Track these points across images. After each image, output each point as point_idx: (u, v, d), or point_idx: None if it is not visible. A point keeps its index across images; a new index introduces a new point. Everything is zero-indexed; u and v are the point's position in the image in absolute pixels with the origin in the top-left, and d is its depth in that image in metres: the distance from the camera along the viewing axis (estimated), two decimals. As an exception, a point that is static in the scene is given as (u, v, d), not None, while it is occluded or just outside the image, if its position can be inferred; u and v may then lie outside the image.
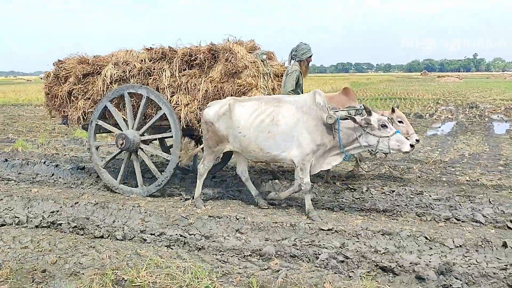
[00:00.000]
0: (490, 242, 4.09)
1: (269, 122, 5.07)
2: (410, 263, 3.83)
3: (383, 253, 4.09)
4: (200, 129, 5.73)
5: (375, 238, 4.34)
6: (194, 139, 6.81)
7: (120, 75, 6.16)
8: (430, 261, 3.86)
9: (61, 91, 6.51)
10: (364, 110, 4.95)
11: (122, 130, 6.13)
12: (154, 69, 6.06)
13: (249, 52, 6.06)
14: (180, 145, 5.86)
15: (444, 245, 4.14)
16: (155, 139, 6.90)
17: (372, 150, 5.03)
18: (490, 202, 5.38)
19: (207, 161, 5.58)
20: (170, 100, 5.93)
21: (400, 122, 5.95)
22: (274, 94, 6.04)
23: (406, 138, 5.21)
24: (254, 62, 5.80)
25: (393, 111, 6.02)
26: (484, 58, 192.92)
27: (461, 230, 4.59)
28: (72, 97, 6.48)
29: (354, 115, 5.07)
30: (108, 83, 6.22)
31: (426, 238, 4.23)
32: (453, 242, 4.14)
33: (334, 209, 5.46)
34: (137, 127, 6.10)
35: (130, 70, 6.13)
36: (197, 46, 6.10)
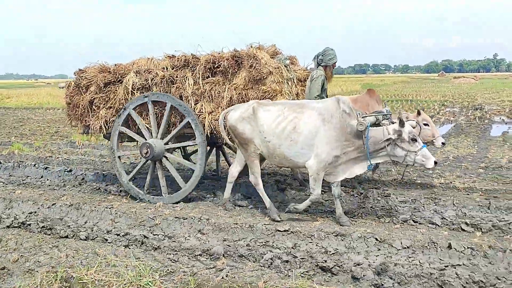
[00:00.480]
0: (436, 244, 4.18)
1: (291, 129, 5.00)
2: (354, 263, 3.96)
3: (332, 253, 4.21)
4: (225, 137, 5.63)
5: (328, 239, 4.46)
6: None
7: (143, 83, 6.18)
8: (374, 262, 3.97)
9: (82, 100, 6.50)
10: (398, 120, 4.81)
11: (146, 139, 6.13)
12: (177, 77, 6.07)
13: (271, 57, 6.04)
14: (205, 153, 5.87)
15: (392, 246, 4.24)
16: (179, 148, 6.90)
17: (397, 161, 4.97)
18: (454, 204, 5.44)
19: (253, 168, 5.39)
20: (194, 108, 5.93)
21: (425, 125, 6.01)
22: (298, 99, 6.07)
23: (432, 141, 5.44)
24: (278, 68, 5.79)
25: (418, 113, 6.06)
26: (505, 58, 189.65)
27: (414, 232, 4.67)
28: (93, 106, 6.49)
29: (382, 120, 5.10)
30: (130, 91, 6.24)
31: (376, 239, 4.34)
32: (401, 243, 4.24)
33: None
34: (161, 136, 6.11)
35: (153, 78, 6.14)
36: (219, 53, 6.11)
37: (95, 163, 8.86)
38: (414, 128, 5.18)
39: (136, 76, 6.24)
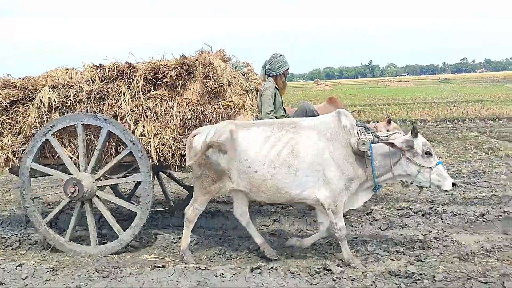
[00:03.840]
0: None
1: (288, 154, 4.01)
2: None
3: None
4: (175, 165, 4.69)
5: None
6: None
7: (62, 100, 4.82)
8: None
9: None
10: (411, 131, 4.04)
11: (71, 174, 4.76)
12: (108, 91, 4.80)
13: None
14: (151, 189, 4.62)
15: None
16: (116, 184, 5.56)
17: (406, 181, 4.13)
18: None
19: (199, 203, 4.36)
20: (134, 130, 4.73)
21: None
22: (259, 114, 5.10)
23: None
24: (236, 78, 4.83)
25: (389, 122, 5.33)
26: (379, 64, 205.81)
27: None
28: None
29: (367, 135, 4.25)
30: (46, 112, 4.83)
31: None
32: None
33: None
34: (92, 170, 4.77)
35: (76, 94, 4.82)
36: (161, 60, 4.96)
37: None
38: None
39: (53, 91, 4.84)
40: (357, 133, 4.03)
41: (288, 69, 5.36)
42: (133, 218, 4.70)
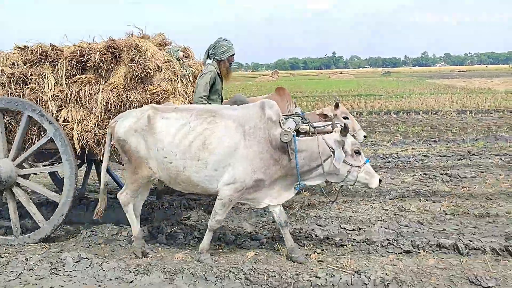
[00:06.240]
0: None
1: (200, 146, 3.78)
2: None
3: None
4: (101, 153, 4.50)
5: None
6: None
7: None
8: None
9: None
10: (341, 130, 3.83)
11: None
12: (31, 75, 4.60)
13: (160, 49, 4.84)
14: (74, 179, 4.44)
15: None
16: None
17: (335, 181, 3.98)
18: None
19: (129, 190, 4.13)
20: (57, 117, 4.54)
21: (345, 118, 5.20)
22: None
23: (352, 135, 4.33)
24: (168, 62, 4.63)
25: (336, 106, 5.22)
26: (343, 56, 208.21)
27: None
28: None
29: (301, 125, 4.10)
30: None
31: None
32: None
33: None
34: (13, 157, 4.57)
35: None
36: (90, 43, 4.75)
37: None
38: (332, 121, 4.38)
39: None
40: (280, 123, 3.84)
41: (233, 55, 5.06)
42: None
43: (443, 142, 9.79)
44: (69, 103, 4.61)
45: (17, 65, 4.69)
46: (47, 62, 4.66)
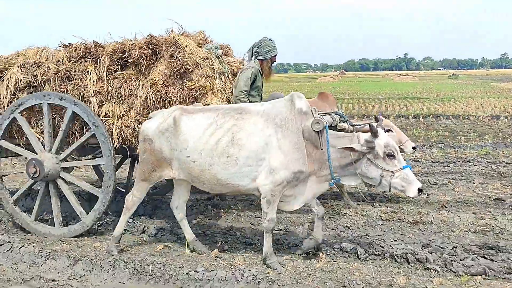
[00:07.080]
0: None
1: (228, 142, 3.75)
2: None
3: None
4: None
5: None
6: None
7: (29, 80, 4.79)
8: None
9: None
10: (370, 129, 3.61)
11: (36, 154, 4.74)
12: (75, 71, 4.75)
13: (199, 47, 4.87)
14: (114, 174, 4.56)
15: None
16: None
17: (370, 183, 3.78)
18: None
19: (138, 191, 4.20)
20: (99, 112, 4.67)
21: (388, 131, 4.85)
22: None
23: (399, 147, 4.13)
24: (207, 59, 4.64)
25: (376, 119, 4.67)
26: (415, 57, 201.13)
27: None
28: None
29: (339, 122, 3.99)
30: (13, 92, 4.83)
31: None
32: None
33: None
34: (57, 150, 4.73)
35: (43, 74, 4.78)
36: (131, 40, 4.87)
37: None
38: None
39: (21, 71, 4.82)
40: (312, 113, 3.77)
41: (276, 55, 5.14)
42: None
43: (447, 148, 9.52)
44: (110, 99, 4.71)
45: (62, 62, 4.86)
46: (90, 58, 4.80)
